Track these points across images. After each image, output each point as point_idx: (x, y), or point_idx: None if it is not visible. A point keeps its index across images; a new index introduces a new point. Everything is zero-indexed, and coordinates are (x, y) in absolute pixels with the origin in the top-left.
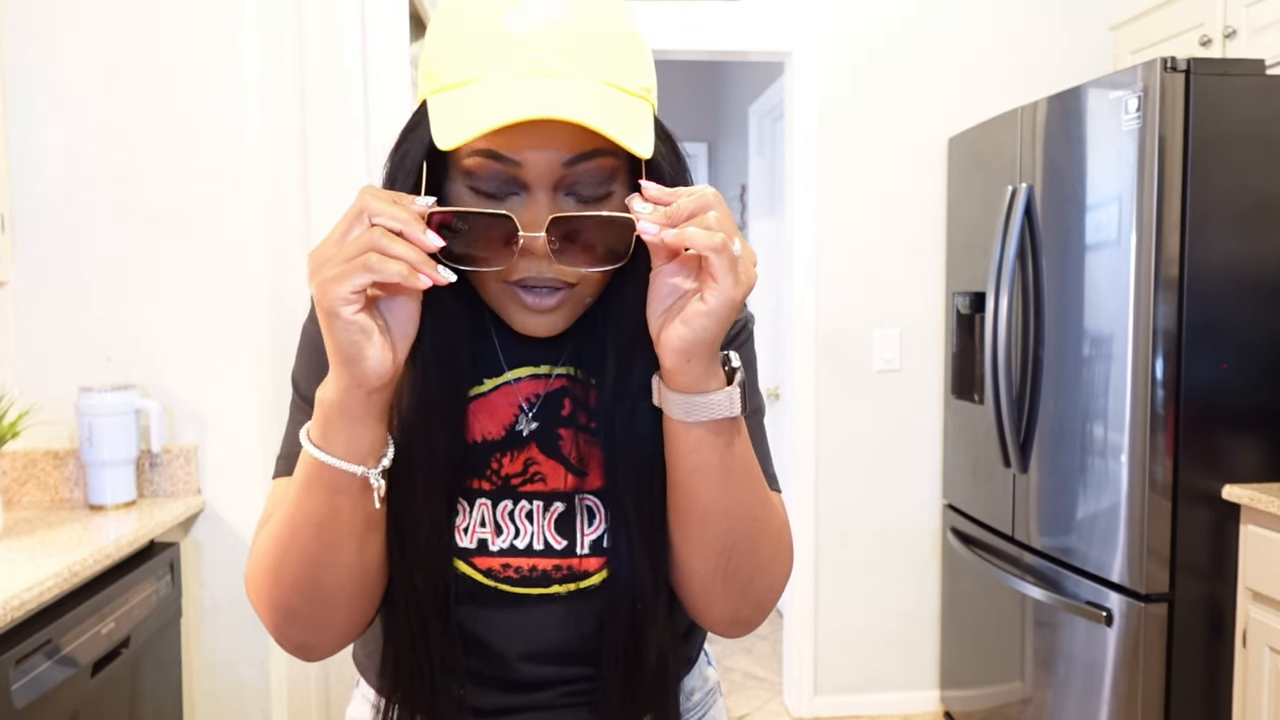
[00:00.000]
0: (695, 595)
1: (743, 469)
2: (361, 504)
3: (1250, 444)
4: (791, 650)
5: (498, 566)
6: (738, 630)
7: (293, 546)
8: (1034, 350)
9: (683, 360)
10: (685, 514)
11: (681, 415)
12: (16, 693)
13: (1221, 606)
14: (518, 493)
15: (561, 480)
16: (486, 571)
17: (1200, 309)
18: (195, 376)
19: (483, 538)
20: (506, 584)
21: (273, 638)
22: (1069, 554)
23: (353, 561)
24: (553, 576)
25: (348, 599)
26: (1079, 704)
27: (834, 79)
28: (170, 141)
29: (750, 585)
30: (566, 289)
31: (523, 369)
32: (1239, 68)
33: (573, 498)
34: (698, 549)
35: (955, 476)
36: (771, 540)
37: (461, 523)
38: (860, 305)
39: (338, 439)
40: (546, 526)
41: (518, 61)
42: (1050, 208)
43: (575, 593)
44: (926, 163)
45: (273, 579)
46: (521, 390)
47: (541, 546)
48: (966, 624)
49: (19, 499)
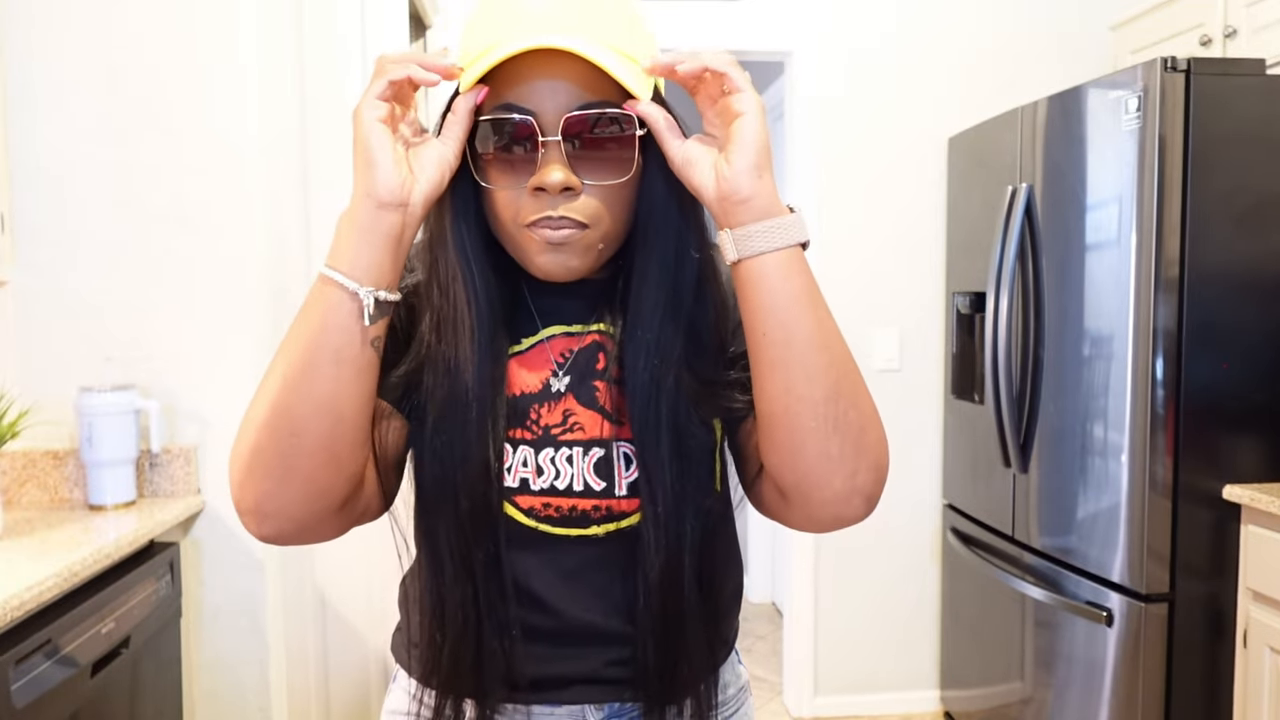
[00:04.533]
0: (812, 464)
1: (822, 298)
2: (350, 326)
3: (1250, 444)
4: (791, 650)
5: (539, 505)
6: (857, 504)
7: (275, 367)
8: (1034, 350)
9: (755, 176)
10: (788, 359)
11: (770, 243)
12: (16, 693)
13: (1222, 606)
14: (558, 441)
15: (599, 428)
16: (528, 511)
17: (1200, 309)
18: (195, 376)
19: (525, 477)
20: (547, 524)
21: (234, 501)
22: (1069, 554)
23: (327, 392)
24: (591, 517)
25: (314, 443)
26: (1079, 704)
27: (833, 79)
28: (170, 141)
29: (863, 436)
30: (577, 227)
31: (556, 327)
32: (1239, 68)
33: (610, 444)
34: (808, 394)
35: (955, 476)
36: (865, 386)
37: (505, 464)
38: (860, 305)
39: (343, 254)
40: (586, 469)
41: (528, 26)
42: (1050, 208)
43: (614, 534)
44: (926, 163)
45: (250, 412)
46: (556, 347)
47: (581, 487)
48: (966, 624)
49: (19, 499)
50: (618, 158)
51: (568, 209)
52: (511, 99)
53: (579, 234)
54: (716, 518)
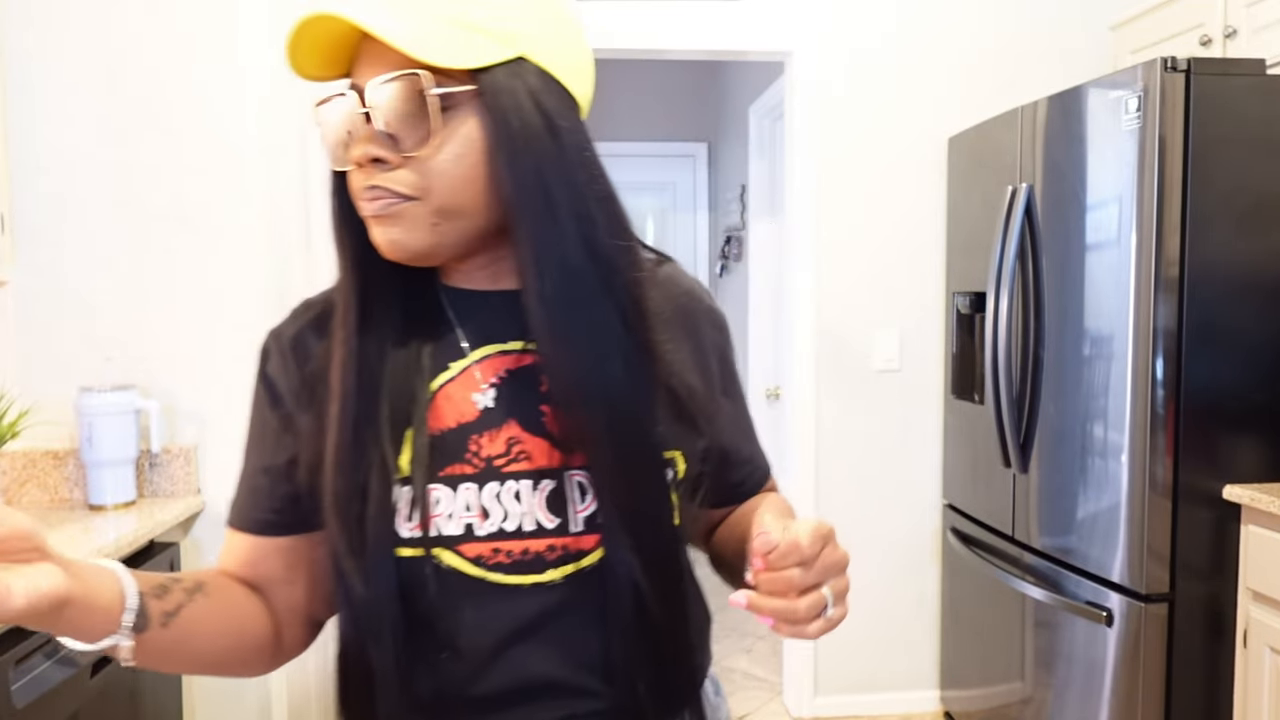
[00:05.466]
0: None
1: None
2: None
3: (1250, 444)
4: (791, 650)
5: (487, 552)
6: None
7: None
8: (1034, 350)
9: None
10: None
11: None
12: (16, 693)
13: (1222, 606)
14: (503, 473)
15: (547, 457)
16: (475, 559)
17: (1200, 309)
18: (195, 376)
19: (469, 522)
20: (498, 572)
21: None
22: (1069, 554)
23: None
24: (547, 559)
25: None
26: (1079, 704)
27: (834, 79)
28: (170, 141)
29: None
30: (396, 198)
31: (490, 347)
32: (1239, 68)
33: (561, 474)
34: None
35: (955, 476)
36: None
37: (445, 509)
38: (860, 305)
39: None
40: (538, 505)
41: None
42: (1050, 208)
43: (574, 577)
44: (926, 163)
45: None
46: (491, 368)
47: (533, 527)
48: (966, 624)
49: (19, 499)
50: (425, 127)
51: (382, 179)
52: (351, 78)
53: (400, 205)
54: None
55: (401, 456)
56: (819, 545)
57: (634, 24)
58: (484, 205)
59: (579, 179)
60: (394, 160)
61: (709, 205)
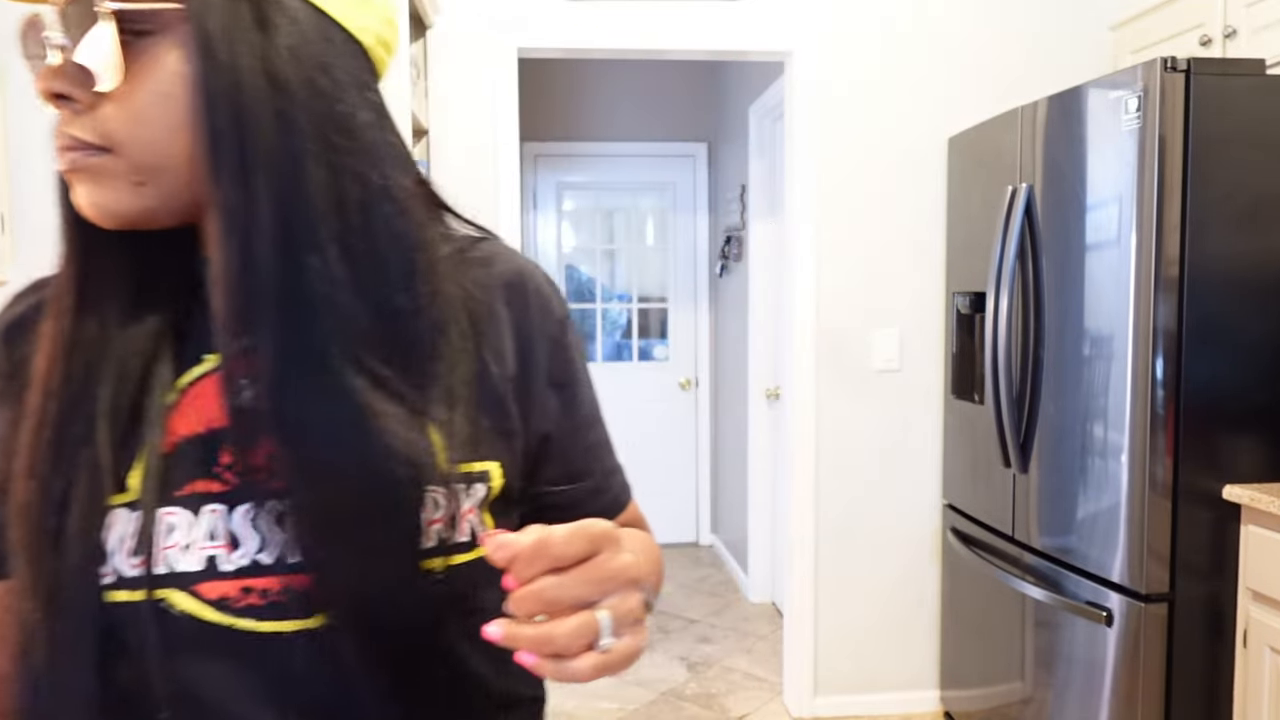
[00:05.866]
0: None
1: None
2: None
3: (1250, 444)
4: (791, 650)
5: (234, 593)
6: None
7: None
8: (1034, 350)
9: None
10: None
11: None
12: None
13: (1222, 606)
14: (263, 490)
15: None
16: (218, 602)
17: (1200, 309)
18: None
19: (211, 554)
20: (248, 617)
21: None
22: (1069, 554)
23: None
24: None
25: None
26: (1079, 704)
27: (834, 79)
28: None
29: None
30: (88, 150)
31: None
32: (1239, 68)
33: None
34: None
35: (955, 476)
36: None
37: (181, 538)
38: (860, 305)
39: None
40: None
41: None
42: (1050, 208)
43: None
44: (926, 163)
45: None
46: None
47: (296, 559)
48: (966, 624)
49: None
50: (116, 58)
51: (73, 126)
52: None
53: (93, 158)
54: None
55: (132, 473)
56: (580, 545)
57: (634, 24)
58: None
59: (311, 136)
60: (82, 100)
61: (709, 205)
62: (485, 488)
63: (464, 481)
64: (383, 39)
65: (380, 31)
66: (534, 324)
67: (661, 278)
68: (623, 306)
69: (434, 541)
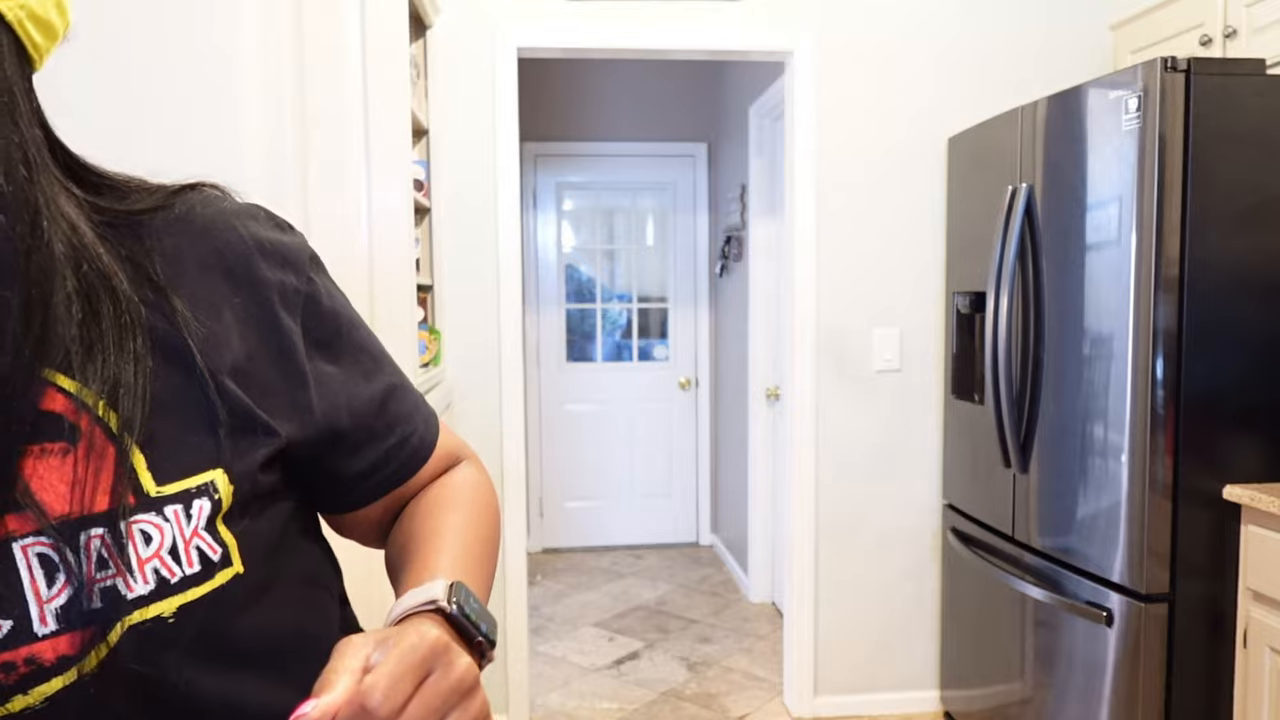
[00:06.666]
0: None
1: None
2: None
3: (1250, 444)
4: (791, 650)
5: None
6: None
7: None
8: (1034, 350)
9: None
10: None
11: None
12: None
13: (1222, 606)
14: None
15: (66, 501)
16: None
17: (1200, 309)
18: None
19: None
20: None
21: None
22: (1069, 554)
23: None
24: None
25: None
26: (1079, 704)
27: (834, 79)
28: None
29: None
30: None
31: None
32: (1239, 67)
33: (78, 532)
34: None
35: (955, 476)
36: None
37: None
38: (860, 305)
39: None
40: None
41: None
42: (1050, 208)
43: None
44: (926, 163)
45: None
46: None
47: (55, 625)
48: (966, 624)
49: None
50: None
51: None
52: None
53: None
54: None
55: None
56: (406, 686)
57: (634, 24)
58: None
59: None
60: None
61: (709, 205)
62: (209, 501)
63: (177, 503)
64: (37, 16)
65: (35, 9)
66: (269, 286)
67: (661, 278)
68: (623, 306)
69: (151, 583)
